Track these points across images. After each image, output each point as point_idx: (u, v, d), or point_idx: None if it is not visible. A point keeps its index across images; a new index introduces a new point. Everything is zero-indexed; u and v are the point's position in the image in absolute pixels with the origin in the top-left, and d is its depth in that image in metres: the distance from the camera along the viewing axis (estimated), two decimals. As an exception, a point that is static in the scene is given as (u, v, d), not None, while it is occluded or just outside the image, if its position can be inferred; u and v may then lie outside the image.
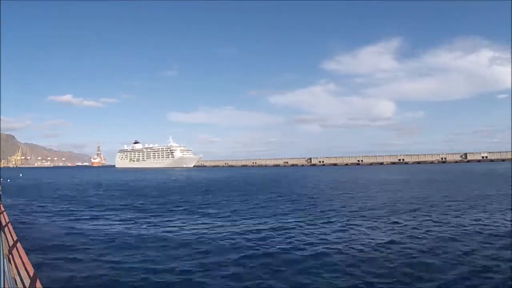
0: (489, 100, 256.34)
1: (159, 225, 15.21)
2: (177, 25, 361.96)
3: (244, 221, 15.76)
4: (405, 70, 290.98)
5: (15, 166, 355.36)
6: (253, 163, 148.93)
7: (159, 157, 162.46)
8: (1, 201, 13.16)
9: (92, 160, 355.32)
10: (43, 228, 14.88)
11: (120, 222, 16.25)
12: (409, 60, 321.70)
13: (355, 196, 25.98)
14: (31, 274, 4.56)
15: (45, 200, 27.12)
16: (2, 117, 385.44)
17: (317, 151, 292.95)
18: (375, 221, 15.10)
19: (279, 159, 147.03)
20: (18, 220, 15.60)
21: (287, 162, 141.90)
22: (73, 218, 17.83)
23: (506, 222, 14.38)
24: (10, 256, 5.17)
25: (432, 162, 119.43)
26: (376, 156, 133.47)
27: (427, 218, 15.74)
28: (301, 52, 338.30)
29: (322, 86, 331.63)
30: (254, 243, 11.39)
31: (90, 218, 17.65)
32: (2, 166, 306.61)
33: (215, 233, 13.31)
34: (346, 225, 14.51)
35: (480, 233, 12.44)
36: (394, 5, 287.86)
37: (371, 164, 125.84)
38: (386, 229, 13.61)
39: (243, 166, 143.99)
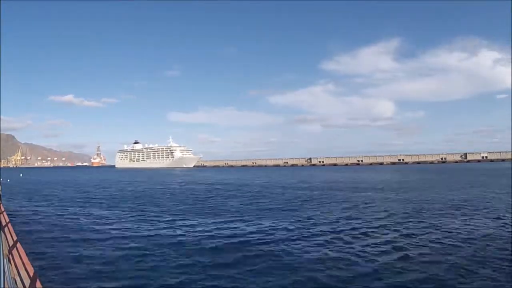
0: (488, 100, 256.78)
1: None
2: (177, 26, 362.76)
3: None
4: (405, 70, 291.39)
5: (15, 166, 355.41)
6: (253, 163, 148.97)
7: (159, 157, 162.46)
8: (1, 201, 13.19)
9: (92, 160, 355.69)
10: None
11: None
12: (409, 61, 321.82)
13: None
14: (31, 274, 4.57)
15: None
16: (2, 117, 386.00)
17: (317, 151, 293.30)
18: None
19: (279, 159, 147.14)
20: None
21: (287, 162, 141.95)
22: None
23: None
24: (10, 256, 5.18)
25: (432, 162, 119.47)
26: (376, 156, 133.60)
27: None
28: (301, 52, 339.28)
29: (322, 86, 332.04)
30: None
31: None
32: (2, 166, 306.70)
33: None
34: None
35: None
36: (393, 5, 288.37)
37: (371, 164, 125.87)
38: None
39: (243, 166, 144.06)
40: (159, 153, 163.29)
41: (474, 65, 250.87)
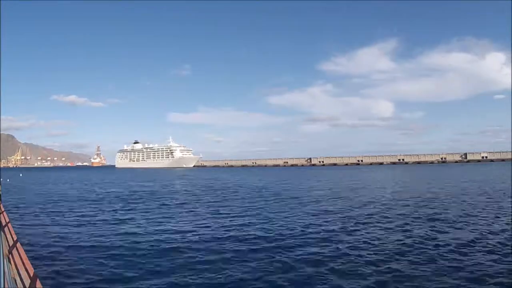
0: (486, 101, 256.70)
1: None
2: (176, 26, 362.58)
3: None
4: (403, 71, 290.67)
5: (15, 166, 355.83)
6: (253, 163, 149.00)
7: (159, 157, 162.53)
8: (1, 201, 13.15)
9: (92, 160, 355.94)
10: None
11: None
12: (406, 61, 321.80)
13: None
14: (31, 274, 4.55)
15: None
16: (7, 116, 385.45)
17: (319, 151, 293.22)
18: None
19: (279, 159, 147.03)
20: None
21: (287, 162, 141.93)
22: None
23: None
24: (10, 256, 5.16)
25: (432, 162, 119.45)
26: (376, 156, 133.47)
27: None
28: (299, 53, 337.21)
29: (321, 87, 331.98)
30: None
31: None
32: (2, 166, 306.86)
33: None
34: None
35: None
36: (388, 6, 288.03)
37: (371, 164, 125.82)
38: None
39: (243, 166, 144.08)
40: (159, 153, 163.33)
41: (472, 65, 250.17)
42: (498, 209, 17.88)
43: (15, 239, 6.79)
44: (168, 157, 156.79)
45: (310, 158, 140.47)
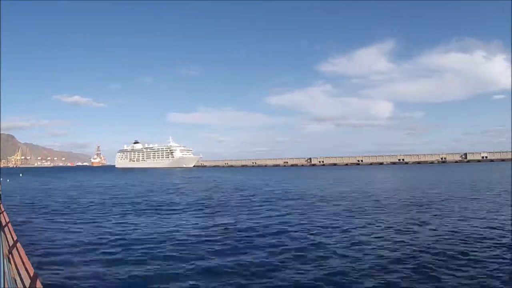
0: (485, 101, 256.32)
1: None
2: (176, 26, 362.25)
3: None
4: (401, 71, 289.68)
5: (15, 166, 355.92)
6: (253, 163, 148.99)
7: (159, 157, 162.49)
8: (1, 201, 13.14)
9: (92, 160, 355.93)
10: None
11: None
12: (405, 62, 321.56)
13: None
14: (31, 274, 4.55)
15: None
16: (7, 116, 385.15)
17: (319, 151, 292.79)
18: None
19: (279, 159, 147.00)
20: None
21: (287, 162, 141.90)
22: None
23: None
24: (10, 256, 5.16)
25: (432, 162, 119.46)
26: (376, 156, 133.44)
27: None
28: (297, 54, 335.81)
29: (320, 87, 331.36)
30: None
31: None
32: (2, 166, 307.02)
33: None
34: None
35: None
36: (389, 6, 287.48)
37: (371, 164, 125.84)
38: None
39: (243, 166, 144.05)
40: (159, 153, 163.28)
41: (471, 66, 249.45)
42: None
43: (15, 239, 6.79)
44: (168, 157, 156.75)
45: (310, 158, 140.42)
